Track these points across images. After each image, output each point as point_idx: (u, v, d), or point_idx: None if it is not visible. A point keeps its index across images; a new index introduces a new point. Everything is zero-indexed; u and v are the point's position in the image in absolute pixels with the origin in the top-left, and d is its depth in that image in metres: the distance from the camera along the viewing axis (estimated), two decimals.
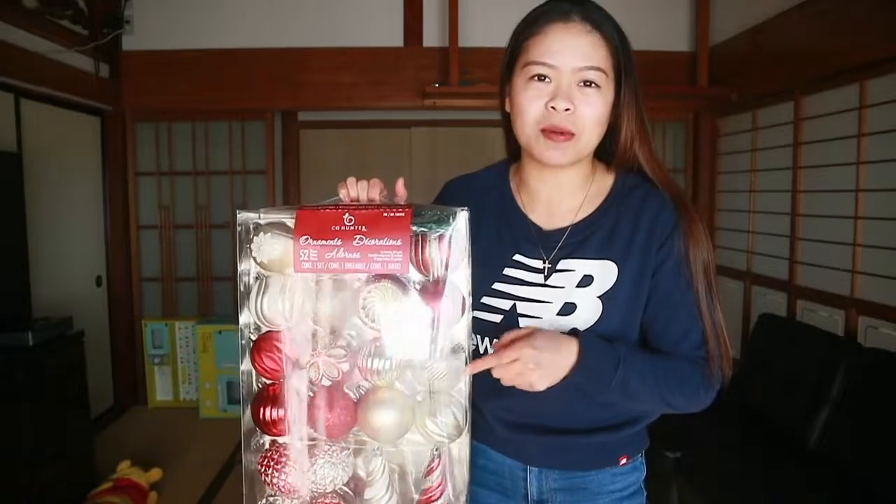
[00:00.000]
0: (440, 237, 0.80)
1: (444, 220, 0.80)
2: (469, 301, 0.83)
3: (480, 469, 1.03)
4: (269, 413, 0.83)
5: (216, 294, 4.01)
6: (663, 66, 3.74)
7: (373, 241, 0.80)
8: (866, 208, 2.54)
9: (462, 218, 0.81)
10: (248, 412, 0.86)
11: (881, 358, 2.27)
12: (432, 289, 0.81)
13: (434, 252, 0.80)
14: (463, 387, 0.83)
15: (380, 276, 0.81)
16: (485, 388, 0.91)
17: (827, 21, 2.68)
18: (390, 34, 3.81)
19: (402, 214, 0.80)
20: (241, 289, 0.85)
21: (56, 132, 3.36)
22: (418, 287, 0.81)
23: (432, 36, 3.80)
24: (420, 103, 3.77)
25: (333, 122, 4.30)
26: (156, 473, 2.74)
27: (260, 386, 0.86)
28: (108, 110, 3.75)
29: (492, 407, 0.97)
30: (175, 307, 4.01)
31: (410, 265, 0.80)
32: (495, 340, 0.94)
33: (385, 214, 0.81)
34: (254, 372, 0.85)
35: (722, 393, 0.98)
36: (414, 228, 0.80)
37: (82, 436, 2.64)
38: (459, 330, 0.83)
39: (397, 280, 0.81)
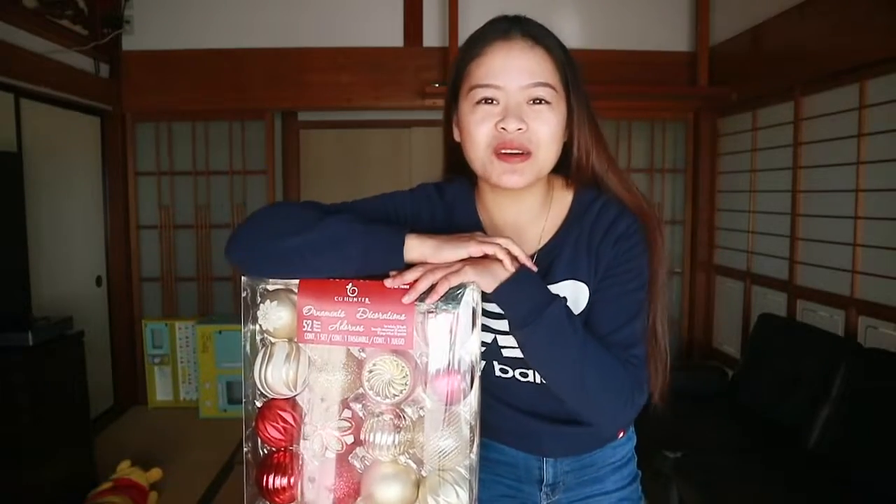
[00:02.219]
0: (446, 311, 0.77)
1: (451, 297, 0.78)
2: (478, 370, 0.80)
3: (494, 462, 1.07)
4: (274, 481, 0.83)
5: (216, 294, 4.01)
6: (663, 66, 3.74)
7: (376, 315, 0.78)
8: (866, 208, 2.54)
9: (471, 292, 0.78)
10: (253, 479, 0.85)
11: (881, 358, 2.27)
12: (440, 364, 0.79)
13: (441, 327, 0.77)
14: (469, 463, 0.80)
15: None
16: (494, 384, 0.96)
17: (827, 21, 2.68)
18: (390, 34, 3.81)
19: (407, 287, 0.78)
20: (247, 349, 0.84)
21: (56, 132, 3.36)
22: (426, 360, 0.79)
23: (432, 36, 3.80)
24: (420, 103, 3.77)
25: (333, 122, 4.30)
26: (156, 473, 2.73)
27: (265, 452, 0.85)
28: (108, 110, 3.75)
29: (503, 396, 0.99)
30: (175, 307, 4.01)
31: (416, 339, 0.78)
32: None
33: (385, 283, 0.79)
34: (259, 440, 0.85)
35: (650, 410, 0.95)
36: (420, 305, 0.78)
37: (82, 436, 2.64)
38: (466, 407, 0.79)
39: (404, 352, 0.79)
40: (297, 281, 0.82)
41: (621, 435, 1.05)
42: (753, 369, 2.86)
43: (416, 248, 0.80)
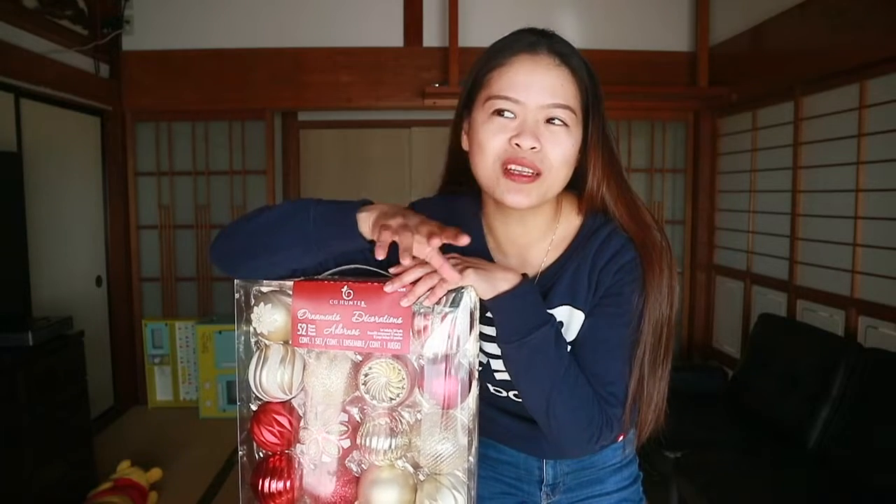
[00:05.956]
0: (444, 315, 0.76)
1: (449, 301, 0.77)
2: (476, 372, 0.79)
3: (494, 461, 1.07)
4: (269, 485, 0.82)
5: (216, 294, 4.01)
6: (663, 66, 3.74)
7: (372, 319, 0.77)
8: (866, 208, 2.54)
9: (468, 296, 0.77)
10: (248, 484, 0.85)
11: (881, 358, 2.27)
12: (437, 367, 0.77)
13: (439, 330, 0.76)
14: (467, 467, 0.79)
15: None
16: (490, 396, 0.96)
17: (827, 21, 2.68)
18: (390, 34, 3.81)
19: (404, 290, 0.77)
20: (241, 351, 0.83)
21: (56, 132, 3.36)
22: (423, 364, 0.78)
23: (432, 36, 3.80)
24: (420, 103, 3.76)
25: (333, 121, 4.30)
26: (156, 473, 2.74)
27: (261, 456, 0.84)
28: (108, 110, 3.75)
29: (498, 405, 0.99)
30: (175, 307, 4.01)
31: (413, 342, 0.77)
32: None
33: (385, 289, 0.77)
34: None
35: (641, 454, 0.98)
36: (418, 307, 0.77)
37: (82, 436, 2.64)
38: (464, 410, 0.78)
39: (400, 355, 0.78)
40: (291, 283, 0.81)
41: (621, 438, 1.04)
42: (753, 369, 2.86)
43: (365, 220, 0.78)
